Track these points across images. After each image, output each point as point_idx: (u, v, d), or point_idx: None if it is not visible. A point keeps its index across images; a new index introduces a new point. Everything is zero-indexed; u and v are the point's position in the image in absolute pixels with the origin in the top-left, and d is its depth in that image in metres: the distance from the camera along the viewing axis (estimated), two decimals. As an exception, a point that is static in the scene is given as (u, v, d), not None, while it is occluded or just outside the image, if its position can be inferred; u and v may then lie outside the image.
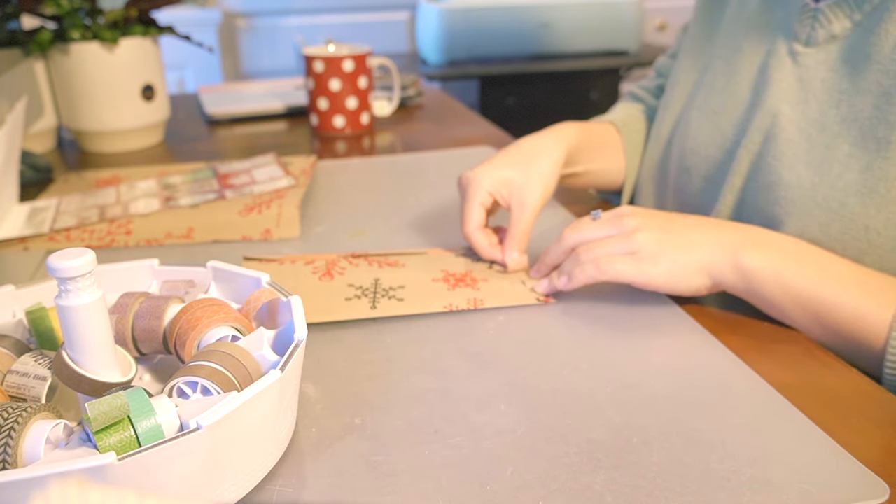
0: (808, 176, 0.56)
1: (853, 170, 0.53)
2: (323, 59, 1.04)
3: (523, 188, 0.62)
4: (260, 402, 0.36)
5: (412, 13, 2.56)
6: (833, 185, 0.54)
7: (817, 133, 0.56)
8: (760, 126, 0.61)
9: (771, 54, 0.62)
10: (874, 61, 0.54)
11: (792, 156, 0.57)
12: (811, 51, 0.58)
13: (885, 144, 0.52)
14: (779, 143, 0.59)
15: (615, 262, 0.54)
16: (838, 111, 0.55)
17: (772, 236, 0.54)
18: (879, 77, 0.53)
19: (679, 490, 0.38)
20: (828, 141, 0.56)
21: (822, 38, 0.58)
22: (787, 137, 0.58)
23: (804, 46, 0.59)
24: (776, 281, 0.51)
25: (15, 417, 0.35)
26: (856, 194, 0.53)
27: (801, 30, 0.59)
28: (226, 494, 0.36)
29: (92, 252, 0.37)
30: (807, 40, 0.59)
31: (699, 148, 0.68)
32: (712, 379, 0.48)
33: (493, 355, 0.51)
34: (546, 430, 0.43)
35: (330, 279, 0.60)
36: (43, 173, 0.90)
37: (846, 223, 0.54)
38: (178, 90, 2.37)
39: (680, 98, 0.74)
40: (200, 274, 0.50)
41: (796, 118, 0.58)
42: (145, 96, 1.02)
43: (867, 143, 0.53)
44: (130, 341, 0.45)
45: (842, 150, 0.54)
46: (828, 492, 0.38)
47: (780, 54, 0.61)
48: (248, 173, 0.88)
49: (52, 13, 0.96)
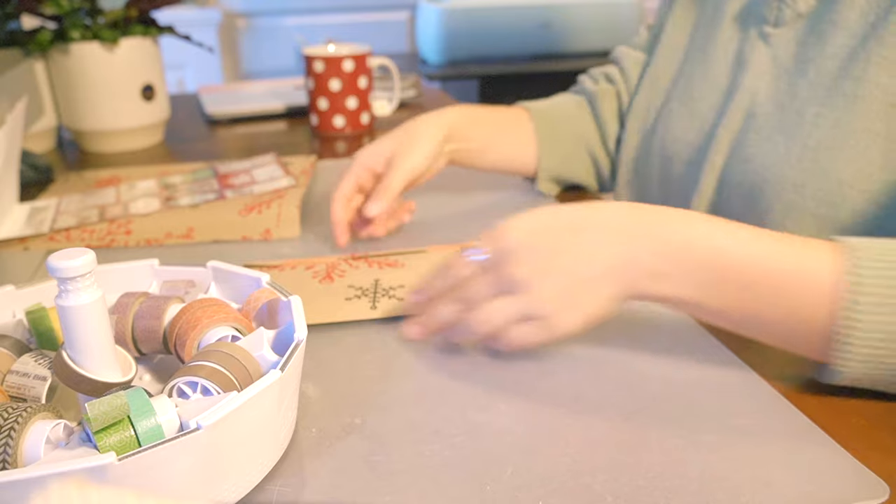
0: (783, 141, 0.58)
1: (822, 127, 0.55)
2: (323, 59, 1.04)
3: (397, 155, 0.68)
4: (260, 402, 0.36)
5: (412, 13, 2.56)
6: (805, 144, 0.56)
7: (789, 101, 0.59)
8: (740, 105, 0.63)
9: (744, 40, 0.65)
10: (840, 27, 0.56)
11: (769, 127, 0.60)
12: (781, 30, 0.61)
13: (852, 99, 0.54)
14: (757, 119, 0.61)
15: (521, 334, 0.47)
16: (806, 78, 0.58)
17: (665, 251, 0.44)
18: (846, 40, 0.55)
19: (679, 490, 0.38)
20: (798, 107, 0.58)
21: (789, 18, 0.61)
22: (764, 111, 0.61)
23: (773, 28, 0.62)
24: (687, 307, 0.46)
25: (15, 417, 0.35)
26: (826, 150, 0.55)
27: (769, 12, 0.62)
28: (226, 494, 0.36)
29: (92, 252, 0.37)
30: (775, 21, 0.62)
31: (680, 134, 0.70)
32: (712, 379, 0.48)
33: (494, 355, 0.51)
34: (546, 430, 0.43)
35: (330, 282, 0.60)
36: (43, 173, 0.90)
37: (819, 180, 0.55)
38: (178, 90, 2.37)
39: (659, 93, 0.76)
40: (200, 274, 0.50)
41: (772, 93, 0.61)
42: (145, 96, 1.02)
43: (834, 101, 0.55)
44: (130, 341, 0.45)
45: (810, 112, 0.56)
46: (828, 492, 0.38)
47: (752, 38, 0.64)
48: (248, 173, 0.88)
49: (52, 13, 0.96)
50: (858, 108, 0.53)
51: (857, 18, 0.55)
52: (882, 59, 0.52)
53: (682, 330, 0.53)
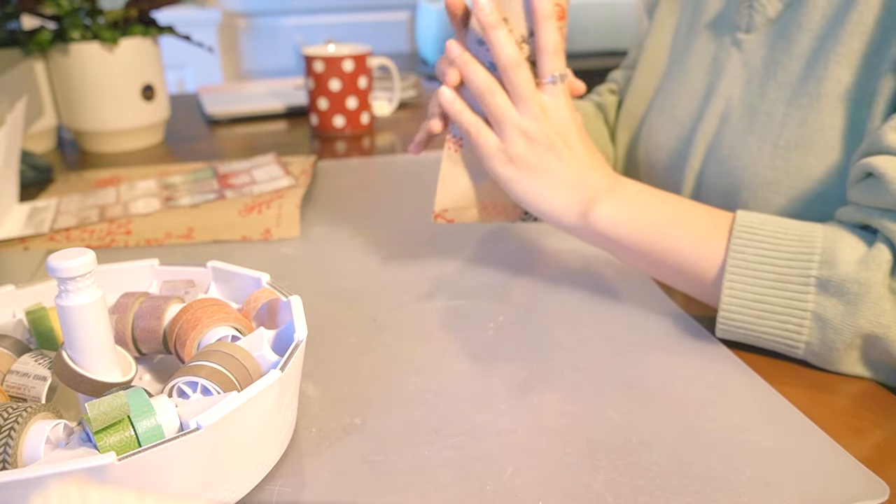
0: (755, 142, 0.59)
1: (790, 126, 0.57)
2: (323, 59, 1.04)
3: None
4: (260, 402, 0.36)
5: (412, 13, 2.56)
6: (776, 144, 0.57)
7: (759, 103, 0.60)
8: (715, 110, 0.65)
9: (719, 48, 0.66)
10: (805, 29, 0.57)
11: (742, 129, 0.61)
12: (752, 36, 0.63)
13: (816, 98, 0.55)
14: (731, 121, 0.62)
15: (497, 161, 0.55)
16: (775, 80, 0.59)
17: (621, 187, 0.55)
18: (810, 42, 0.57)
19: (679, 490, 0.38)
20: (767, 108, 0.59)
21: (760, 23, 0.62)
22: (737, 114, 0.62)
23: (745, 34, 0.63)
24: (617, 229, 0.54)
25: (15, 417, 0.35)
26: (796, 148, 0.56)
27: (740, 20, 0.64)
28: (226, 494, 0.36)
29: (92, 252, 0.37)
30: (747, 27, 0.63)
31: (661, 142, 0.71)
32: (712, 379, 0.48)
33: (493, 355, 0.51)
34: (546, 430, 0.43)
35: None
36: (43, 173, 0.90)
37: (792, 178, 0.56)
38: (178, 90, 2.37)
39: (641, 104, 0.78)
40: (200, 274, 0.50)
41: (743, 96, 0.62)
42: (145, 96, 1.02)
43: (800, 101, 0.56)
44: (130, 341, 0.45)
45: (779, 112, 0.58)
46: (828, 492, 0.38)
47: (726, 45, 0.66)
48: (248, 173, 0.88)
49: (52, 13, 0.96)
50: (822, 105, 0.55)
51: (819, 20, 0.56)
52: (840, 57, 0.54)
53: (682, 330, 0.53)
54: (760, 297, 0.48)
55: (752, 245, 0.49)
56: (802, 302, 0.47)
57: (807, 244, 0.48)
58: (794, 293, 0.47)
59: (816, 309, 0.47)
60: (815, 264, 0.47)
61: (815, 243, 0.48)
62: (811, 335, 0.47)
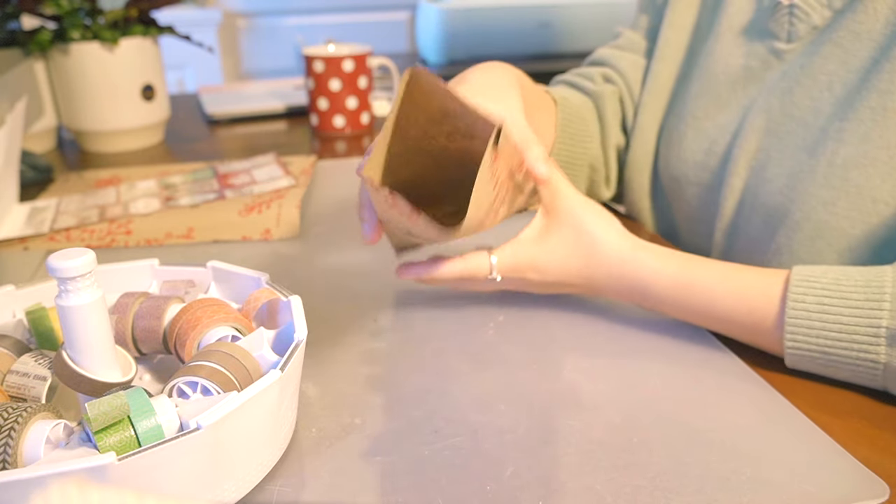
0: (806, 159, 0.56)
1: (849, 143, 0.53)
2: (323, 59, 1.04)
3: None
4: (260, 402, 0.36)
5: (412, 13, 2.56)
6: (831, 161, 0.54)
7: (813, 118, 0.57)
8: (755, 125, 0.61)
9: (751, 56, 0.63)
10: (865, 39, 0.54)
11: (793, 145, 0.58)
12: (794, 45, 0.59)
13: (881, 112, 0.51)
14: (779, 136, 0.59)
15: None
16: (831, 93, 0.56)
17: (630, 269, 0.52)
18: (871, 53, 0.53)
19: (679, 490, 0.38)
20: (823, 124, 0.56)
21: (804, 32, 0.59)
22: (786, 129, 0.58)
23: (786, 43, 0.60)
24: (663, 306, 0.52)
25: (15, 417, 0.35)
26: (857, 167, 0.52)
27: (778, 28, 0.60)
28: (226, 494, 0.36)
29: (92, 252, 0.37)
30: (788, 37, 0.60)
31: (686, 155, 0.68)
32: (712, 379, 0.48)
33: (493, 355, 0.51)
34: (546, 430, 0.43)
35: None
36: (43, 173, 0.90)
37: (851, 198, 0.52)
38: (178, 90, 2.37)
39: (659, 106, 0.73)
40: (200, 274, 0.50)
41: (790, 110, 0.59)
42: (145, 96, 1.02)
43: (860, 115, 0.53)
44: (130, 341, 0.45)
45: (833, 127, 0.54)
46: (828, 492, 0.38)
47: (760, 54, 0.62)
48: (248, 173, 0.88)
49: (52, 13, 0.96)
50: (889, 121, 0.51)
51: (881, 28, 0.53)
52: None
53: (682, 330, 0.53)
54: (826, 351, 0.46)
55: (813, 294, 0.46)
56: (874, 355, 0.44)
57: (875, 290, 0.44)
58: (863, 345, 0.44)
59: (890, 361, 0.44)
60: (886, 313, 0.43)
61: (885, 289, 0.44)
62: (886, 382, 0.45)
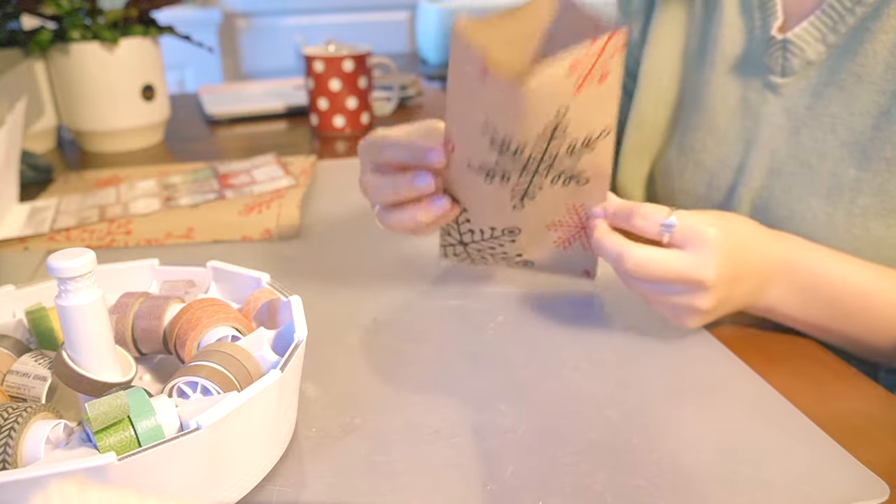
0: (821, 206, 0.55)
1: (866, 193, 0.53)
2: (323, 59, 1.04)
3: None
4: (260, 402, 0.36)
5: (412, 13, 2.56)
6: (849, 211, 0.54)
7: (818, 161, 0.56)
8: (760, 163, 0.60)
9: (747, 89, 0.62)
10: (867, 82, 0.53)
11: (800, 188, 0.57)
12: (789, 80, 0.58)
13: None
14: (784, 177, 0.58)
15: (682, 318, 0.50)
16: (835, 136, 0.55)
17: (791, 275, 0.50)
18: (875, 97, 0.53)
19: (679, 490, 0.38)
20: (831, 168, 0.55)
21: (798, 66, 0.58)
22: (790, 170, 0.58)
23: (781, 77, 0.59)
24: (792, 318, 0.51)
25: (15, 417, 0.35)
26: (876, 217, 0.52)
27: (772, 62, 0.59)
28: (226, 494, 0.36)
29: (92, 252, 0.37)
30: (782, 71, 0.59)
31: (687, 188, 0.67)
32: (712, 379, 0.48)
33: (493, 355, 0.51)
34: (546, 430, 0.43)
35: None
36: (43, 173, 0.90)
37: (875, 247, 0.53)
38: (178, 90, 2.37)
39: (657, 137, 0.72)
40: (200, 274, 0.50)
41: (794, 150, 0.58)
42: (145, 96, 1.02)
43: (875, 165, 0.52)
44: (130, 341, 0.45)
45: (848, 175, 0.54)
46: (828, 492, 0.38)
47: (756, 88, 0.61)
48: (248, 173, 0.88)
49: (52, 13, 0.96)
50: None
51: (882, 73, 0.52)
52: None
53: (682, 330, 0.53)
54: None
55: None
56: None
57: None
58: None
59: None
60: None
61: None
62: None
